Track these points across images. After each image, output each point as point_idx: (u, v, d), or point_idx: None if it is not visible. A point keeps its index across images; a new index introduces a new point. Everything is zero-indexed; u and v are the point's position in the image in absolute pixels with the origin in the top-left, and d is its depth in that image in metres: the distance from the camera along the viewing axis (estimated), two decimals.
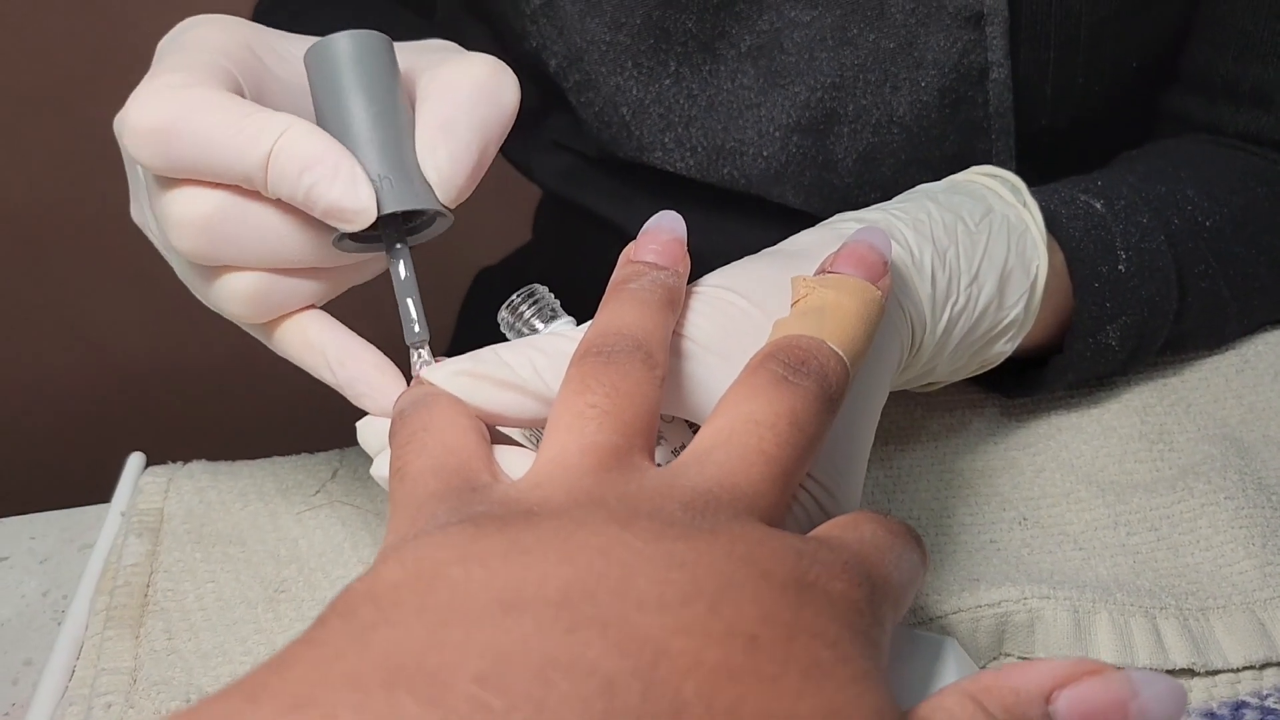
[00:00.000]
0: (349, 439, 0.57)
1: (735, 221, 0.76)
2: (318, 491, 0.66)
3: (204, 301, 0.50)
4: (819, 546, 0.35)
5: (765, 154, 0.72)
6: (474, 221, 0.93)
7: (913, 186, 0.63)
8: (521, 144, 0.86)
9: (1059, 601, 0.56)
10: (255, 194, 0.46)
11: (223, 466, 0.68)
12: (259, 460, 0.69)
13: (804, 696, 0.30)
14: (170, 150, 0.45)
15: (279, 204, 0.46)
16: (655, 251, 0.46)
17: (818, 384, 0.40)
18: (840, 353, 0.41)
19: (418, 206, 0.46)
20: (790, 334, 0.42)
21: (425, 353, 0.47)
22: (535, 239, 1.06)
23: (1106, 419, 0.67)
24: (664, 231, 0.46)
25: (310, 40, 0.50)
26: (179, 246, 0.47)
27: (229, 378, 1.86)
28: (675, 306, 0.44)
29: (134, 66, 0.51)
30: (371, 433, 0.48)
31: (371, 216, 0.45)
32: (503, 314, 0.50)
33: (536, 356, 0.44)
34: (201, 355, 1.89)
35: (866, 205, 0.71)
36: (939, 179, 0.62)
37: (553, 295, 0.50)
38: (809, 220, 0.66)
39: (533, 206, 1.07)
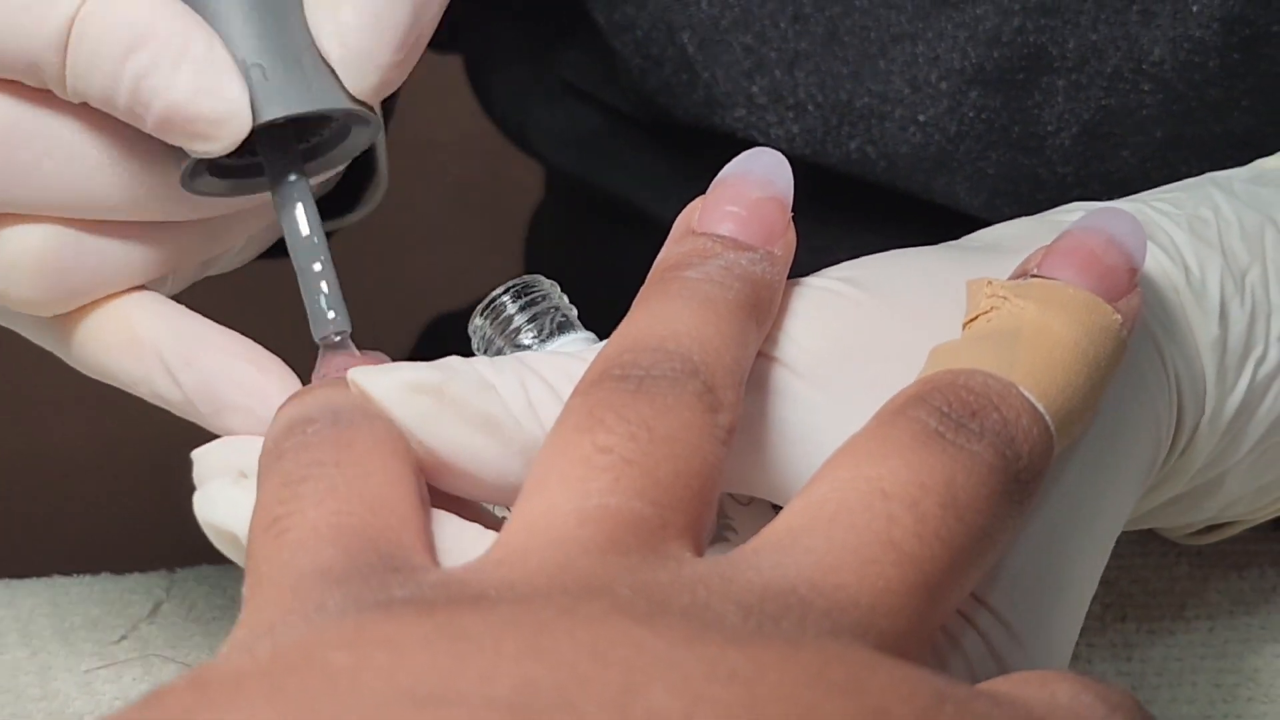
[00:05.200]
0: (184, 554, 0.57)
1: (862, 235, 0.66)
2: (124, 637, 0.59)
3: None
4: (977, 697, 0.31)
5: (922, 118, 0.63)
6: (422, 243, 0.93)
7: (1175, 182, 0.56)
8: (514, 88, 0.75)
9: None
10: (46, 94, 0.42)
11: None
12: (32, 580, 0.61)
13: None
14: None
15: (85, 111, 0.43)
16: (735, 218, 0.41)
17: (995, 450, 0.35)
18: (1040, 407, 0.37)
19: (315, 108, 0.42)
20: (958, 367, 0.38)
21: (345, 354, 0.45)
22: (530, 266, 1.05)
23: None
24: (752, 183, 0.42)
25: None
26: None
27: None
28: (764, 314, 0.40)
29: None
30: (219, 459, 0.42)
31: (243, 127, 0.41)
32: (477, 321, 0.48)
33: (535, 385, 0.40)
34: None
35: None
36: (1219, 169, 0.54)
37: (563, 295, 0.48)
38: None
39: (521, 218, 0.89)
